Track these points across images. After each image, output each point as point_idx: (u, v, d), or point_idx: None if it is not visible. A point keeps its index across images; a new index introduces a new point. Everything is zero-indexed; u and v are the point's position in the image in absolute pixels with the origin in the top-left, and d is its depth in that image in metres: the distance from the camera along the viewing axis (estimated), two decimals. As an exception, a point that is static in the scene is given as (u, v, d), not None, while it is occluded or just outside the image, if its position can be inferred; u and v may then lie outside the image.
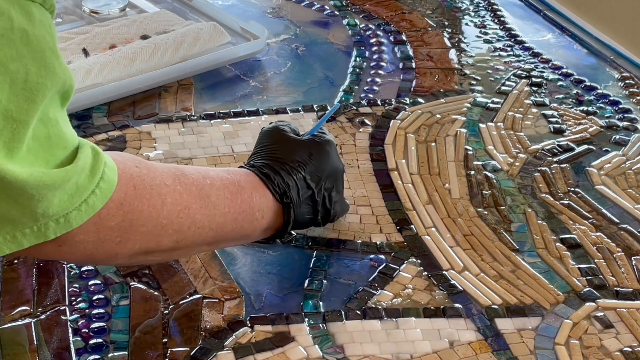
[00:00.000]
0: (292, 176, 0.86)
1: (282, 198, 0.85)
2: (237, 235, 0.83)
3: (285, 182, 0.85)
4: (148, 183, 0.73)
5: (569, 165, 1.11)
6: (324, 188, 0.89)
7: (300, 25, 1.44)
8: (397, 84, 1.28)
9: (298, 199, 0.86)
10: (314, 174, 0.88)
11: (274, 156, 0.88)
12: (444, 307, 0.88)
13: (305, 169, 0.87)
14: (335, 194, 0.90)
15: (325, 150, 0.90)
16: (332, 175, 0.90)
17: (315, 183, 0.88)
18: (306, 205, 0.88)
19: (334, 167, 0.90)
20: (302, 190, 0.87)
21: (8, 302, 0.86)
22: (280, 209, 0.85)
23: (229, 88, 1.25)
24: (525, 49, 1.38)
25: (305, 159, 0.88)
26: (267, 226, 0.85)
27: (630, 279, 0.93)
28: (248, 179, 0.84)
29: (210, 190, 0.79)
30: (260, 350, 0.82)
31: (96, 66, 1.18)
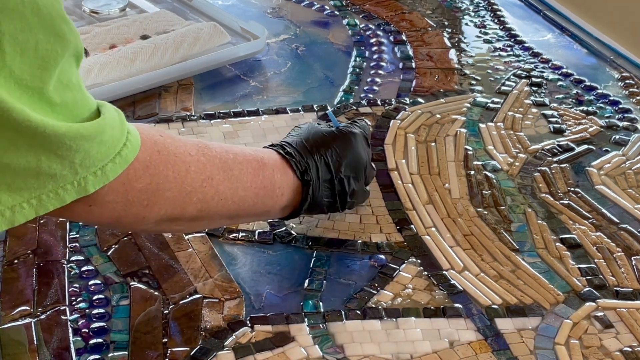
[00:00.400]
0: (313, 157, 0.89)
1: (303, 176, 0.88)
2: (258, 211, 0.86)
3: (306, 162, 0.88)
4: (172, 151, 0.75)
5: (569, 165, 1.11)
6: (343, 174, 0.91)
7: (300, 25, 1.44)
8: (397, 84, 1.28)
9: (317, 180, 0.89)
10: (335, 159, 0.90)
11: (299, 139, 0.91)
12: (444, 307, 0.88)
13: (327, 153, 0.90)
14: (354, 182, 0.92)
15: (349, 139, 0.92)
16: (354, 163, 0.92)
17: (335, 168, 0.90)
18: (325, 189, 0.90)
19: (356, 156, 0.92)
20: (321, 172, 0.89)
21: (8, 302, 0.86)
22: (300, 187, 0.88)
23: (229, 88, 1.25)
24: (525, 49, 1.38)
25: (328, 144, 0.91)
26: (287, 204, 0.88)
27: (630, 279, 0.93)
28: (271, 157, 0.87)
29: (233, 164, 0.81)
30: (260, 350, 0.82)
31: (96, 66, 1.18)
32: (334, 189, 0.90)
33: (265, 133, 1.14)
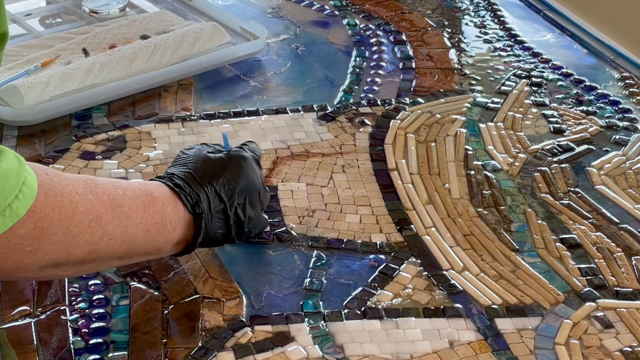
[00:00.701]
0: (203, 188, 0.84)
1: (194, 209, 0.83)
2: (149, 249, 0.81)
3: (196, 193, 0.84)
4: (59, 190, 0.71)
5: (569, 165, 1.11)
6: (236, 202, 0.87)
7: (300, 25, 1.44)
8: (397, 84, 1.28)
9: (209, 212, 0.84)
10: (227, 187, 0.86)
11: (187, 169, 0.86)
12: (444, 307, 0.88)
13: (218, 182, 0.86)
14: (249, 209, 0.88)
15: (240, 165, 0.88)
16: (246, 190, 0.88)
17: (228, 197, 0.86)
18: (218, 219, 0.86)
19: (248, 182, 0.88)
20: (213, 203, 0.85)
21: (8, 302, 0.86)
22: (192, 221, 0.84)
23: (229, 88, 1.25)
24: (525, 49, 1.38)
25: (218, 172, 0.86)
26: (179, 239, 0.84)
27: (630, 279, 0.93)
28: (160, 190, 0.82)
29: (122, 200, 0.77)
30: (260, 350, 0.82)
31: (96, 66, 1.18)
32: (227, 219, 0.86)
33: (265, 133, 1.14)
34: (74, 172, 1.05)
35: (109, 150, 1.09)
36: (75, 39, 1.28)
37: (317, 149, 1.12)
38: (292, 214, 1.00)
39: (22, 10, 1.40)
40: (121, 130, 1.14)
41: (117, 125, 1.15)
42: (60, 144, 1.10)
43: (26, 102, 1.12)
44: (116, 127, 1.14)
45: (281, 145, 1.12)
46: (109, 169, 1.06)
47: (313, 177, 1.07)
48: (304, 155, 1.11)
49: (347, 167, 1.08)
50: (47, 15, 1.41)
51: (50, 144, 1.10)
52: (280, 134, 1.14)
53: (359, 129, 1.16)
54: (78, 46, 1.26)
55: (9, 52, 1.25)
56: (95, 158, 1.08)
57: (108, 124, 1.15)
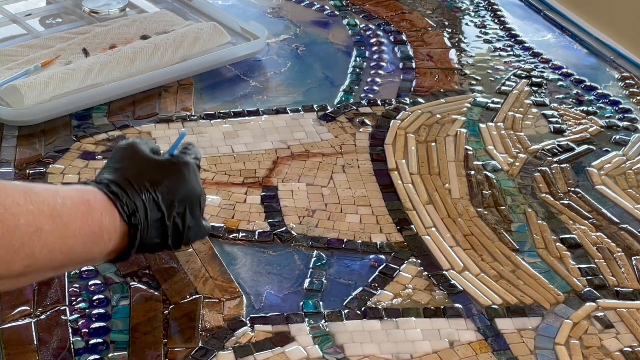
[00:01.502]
0: (141, 196, 0.79)
1: (130, 219, 0.78)
2: (84, 259, 0.78)
3: (133, 202, 0.79)
4: (1, 202, 0.68)
5: (569, 165, 1.11)
6: (175, 212, 0.82)
7: (300, 25, 1.44)
8: (397, 84, 1.28)
9: (146, 222, 0.79)
10: (166, 196, 0.81)
11: (124, 174, 0.81)
12: (444, 307, 0.88)
13: (157, 190, 0.81)
14: (189, 219, 0.83)
15: (182, 172, 0.83)
16: (187, 198, 0.83)
17: (167, 206, 0.81)
18: (155, 229, 0.81)
19: (189, 190, 0.83)
20: (151, 212, 0.80)
21: (8, 302, 0.86)
22: (127, 231, 0.79)
23: (229, 88, 1.25)
24: (525, 49, 1.38)
25: (158, 179, 0.81)
26: (113, 249, 0.79)
27: (630, 279, 0.93)
28: (97, 198, 0.78)
29: (62, 209, 0.73)
30: (260, 350, 0.82)
31: (96, 66, 1.18)
32: (165, 229, 0.81)
33: (265, 133, 1.14)
34: (74, 172, 1.05)
35: (109, 150, 1.09)
36: (75, 39, 1.28)
37: (317, 149, 1.12)
38: (292, 214, 1.00)
39: (22, 10, 1.40)
40: (121, 130, 1.14)
41: (117, 125, 1.15)
42: (60, 144, 1.10)
43: (26, 102, 1.12)
44: (116, 127, 1.14)
45: (281, 145, 1.12)
46: (109, 169, 1.06)
47: (313, 177, 1.07)
48: (304, 155, 1.11)
49: (347, 167, 1.08)
50: (47, 15, 1.41)
51: (50, 144, 1.10)
52: (280, 134, 1.14)
53: (359, 129, 1.16)
54: (78, 46, 1.26)
55: (9, 52, 1.25)
56: (96, 158, 1.08)
57: (108, 124, 1.15)
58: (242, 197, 1.03)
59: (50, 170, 1.05)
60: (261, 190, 1.04)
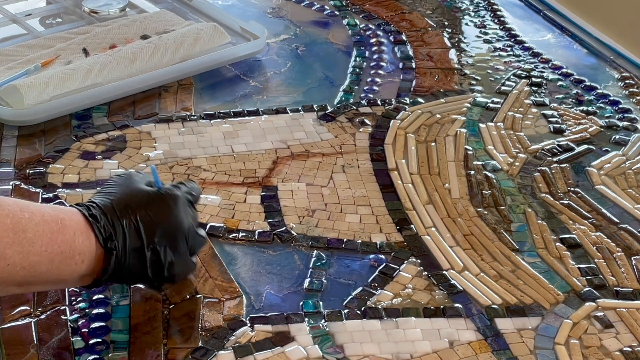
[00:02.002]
0: (121, 222, 0.78)
1: (106, 243, 0.77)
2: (52, 278, 0.76)
3: (112, 227, 0.77)
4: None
5: (569, 165, 1.11)
6: (157, 244, 0.79)
7: (300, 25, 1.44)
8: (397, 84, 1.28)
9: (123, 248, 0.78)
10: (149, 226, 0.79)
11: (108, 198, 0.80)
12: (444, 307, 0.88)
13: (138, 217, 0.79)
14: (170, 254, 0.81)
15: (167, 204, 0.81)
16: (171, 232, 0.81)
17: (148, 236, 0.79)
18: (134, 258, 0.79)
19: (174, 224, 0.81)
20: (130, 239, 0.78)
21: (8, 302, 0.86)
22: (102, 255, 0.78)
23: (229, 88, 1.25)
24: (525, 49, 1.38)
25: (141, 207, 0.80)
26: (87, 272, 0.78)
27: (630, 278, 0.93)
28: (73, 218, 0.77)
29: (27, 224, 0.72)
30: (260, 350, 0.82)
31: (96, 66, 1.18)
32: (144, 259, 0.79)
33: (265, 133, 1.14)
34: (74, 172, 1.05)
35: (109, 150, 1.09)
36: (76, 39, 1.28)
37: (317, 149, 1.12)
38: (292, 214, 1.00)
39: (22, 10, 1.40)
40: (121, 130, 1.14)
41: (117, 125, 1.15)
42: (60, 144, 1.10)
43: (26, 102, 1.12)
44: (116, 127, 1.14)
45: (281, 145, 1.12)
46: (109, 169, 1.06)
47: (313, 177, 1.07)
48: (304, 155, 1.11)
49: (347, 167, 1.08)
50: (47, 15, 1.41)
51: (50, 144, 1.10)
52: (280, 134, 1.14)
53: (359, 129, 1.16)
54: (78, 46, 1.26)
55: (9, 52, 1.25)
56: (96, 158, 1.08)
57: (108, 124, 1.15)
58: (242, 197, 1.03)
59: (50, 170, 1.05)
60: (261, 190, 1.04)
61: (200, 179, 1.05)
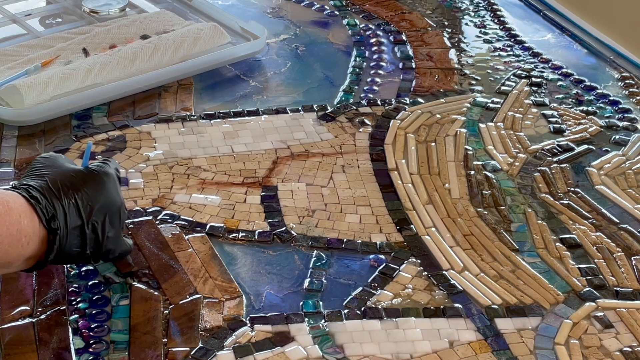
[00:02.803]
0: (61, 202, 0.79)
1: (49, 223, 0.78)
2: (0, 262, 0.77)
3: (53, 207, 0.79)
4: None
5: (568, 165, 1.11)
6: (94, 220, 0.81)
7: (300, 25, 1.44)
8: (397, 84, 1.28)
9: (65, 228, 0.79)
10: (86, 203, 0.81)
11: (44, 180, 0.80)
12: (444, 307, 0.88)
13: (77, 197, 0.80)
14: (109, 228, 0.83)
15: (102, 181, 0.83)
16: (107, 207, 0.82)
17: (86, 213, 0.81)
18: (75, 237, 0.80)
19: (109, 200, 0.83)
20: (70, 218, 0.79)
21: (8, 302, 0.86)
22: (46, 236, 0.79)
23: (229, 88, 1.25)
24: (525, 49, 1.38)
25: (77, 186, 0.81)
26: (31, 254, 0.79)
27: (630, 279, 0.93)
28: (16, 201, 0.77)
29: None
30: (260, 350, 0.82)
31: (96, 66, 1.18)
32: (84, 237, 0.81)
33: (265, 133, 1.14)
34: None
35: (109, 150, 1.09)
36: (75, 39, 1.28)
37: (317, 149, 1.12)
38: (292, 214, 1.00)
39: (22, 10, 1.40)
40: (121, 130, 1.14)
41: (117, 125, 1.15)
42: (60, 144, 1.10)
43: (26, 102, 1.12)
44: (116, 127, 1.14)
45: (281, 145, 1.12)
46: (109, 169, 1.06)
47: (313, 177, 1.07)
48: (304, 155, 1.11)
49: (347, 167, 1.08)
50: (47, 15, 1.41)
51: (50, 144, 1.10)
52: (280, 134, 1.14)
53: (359, 129, 1.16)
54: (78, 46, 1.26)
55: (9, 52, 1.25)
56: (96, 158, 1.07)
57: (108, 124, 1.15)
58: (242, 197, 1.03)
59: (50, 170, 1.05)
60: (261, 190, 1.04)
61: (200, 179, 1.05)
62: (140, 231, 0.96)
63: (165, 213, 0.99)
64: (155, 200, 1.01)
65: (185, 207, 1.00)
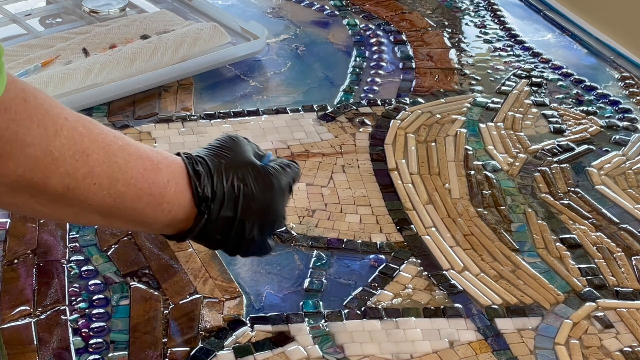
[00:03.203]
0: (224, 187, 0.75)
1: (201, 204, 0.74)
2: (136, 218, 0.72)
3: (213, 190, 0.74)
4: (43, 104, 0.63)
5: (569, 165, 1.11)
6: (248, 220, 0.77)
7: (300, 25, 1.44)
8: (397, 84, 1.28)
9: (217, 214, 0.75)
10: (248, 200, 0.76)
11: (219, 160, 0.76)
12: (444, 307, 0.88)
13: (242, 191, 0.76)
14: (257, 234, 0.78)
15: (272, 184, 0.78)
16: (265, 213, 0.78)
17: (243, 211, 0.76)
18: (222, 226, 0.76)
19: (271, 207, 0.78)
20: (226, 207, 0.75)
21: (8, 302, 0.86)
22: (193, 214, 0.74)
23: (229, 88, 1.25)
24: (525, 49, 1.38)
25: (247, 180, 0.76)
26: (171, 222, 0.74)
27: (630, 279, 0.93)
28: (172, 167, 0.73)
29: (119, 152, 0.68)
30: (260, 350, 0.82)
31: (96, 66, 1.18)
32: (230, 231, 0.76)
33: (265, 133, 1.14)
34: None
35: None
36: (75, 39, 1.28)
37: (317, 149, 1.12)
38: (292, 214, 1.00)
39: (22, 10, 1.40)
40: (121, 130, 1.14)
41: (117, 125, 1.15)
42: (60, 144, 1.10)
43: (26, 102, 1.12)
44: (116, 127, 1.14)
45: (281, 145, 1.12)
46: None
47: (313, 177, 1.07)
48: (304, 155, 1.11)
49: (347, 167, 1.08)
50: (47, 15, 1.41)
51: (50, 144, 1.10)
52: (280, 134, 1.14)
53: (359, 129, 1.16)
54: (78, 46, 1.26)
55: (8, 52, 1.25)
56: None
57: (108, 124, 1.15)
58: (242, 197, 1.02)
59: (50, 170, 1.05)
60: (261, 190, 1.04)
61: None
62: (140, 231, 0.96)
63: (165, 213, 0.99)
64: (155, 200, 1.01)
65: (185, 207, 1.00)
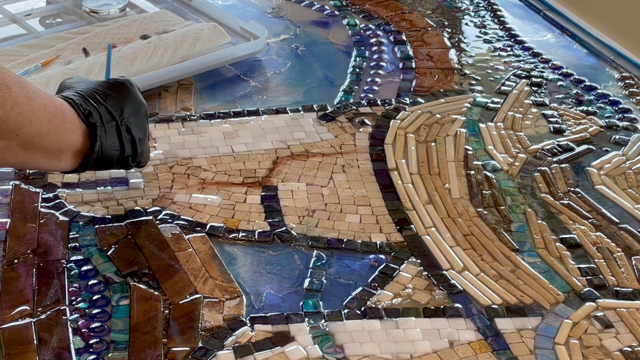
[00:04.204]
0: (93, 103, 0.88)
1: (87, 118, 0.87)
2: (52, 145, 0.84)
3: (87, 108, 0.87)
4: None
5: (569, 165, 1.11)
6: (126, 121, 0.90)
7: (300, 25, 1.44)
8: (397, 84, 1.28)
9: (102, 125, 0.88)
10: (116, 106, 0.90)
11: (75, 91, 0.89)
12: (444, 307, 0.88)
13: (107, 102, 0.89)
14: (139, 131, 0.92)
15: (126, 87, 0.92)
16: (136, 110, 0.92)
17: (118, 115, 0.90)
18: (112, 136, 0.89)
19: (136, 102, 0.92)
20: (104, 117, 0.88)
21: (8, 302, 0.86)
22: (87, 131, 0.87)
23: (229, 88, 1.25)
24: (525, 49, 1.38)
25: (105, 93, 0.90)
26: (77, 147, 0.87)
27: (630, 279, 0.93)
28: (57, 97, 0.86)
29: (26, 84, 0.81)
30: (260, 350, 0.82)
31: (96, 66, 1.18)
32: (120, 136, 0.90)
33: (265, 133, 1.14)
34: (74, 172, 1.05)
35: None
36: (76, 39, 1.28)
37: (317, 149, 1.12)
38: (292, 214, 1.00)
39: (22, 10, 1.40)
40: (121, 130, 1.14)
41: (117, 125, 1.15)
42: (60, 144, 1.10)
43: (26, 102, 1.12)
44: (116, 127, 1.14)
45: (281, 145, 1.12)
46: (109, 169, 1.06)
47: (313, 177, 1.07)
48: (304, 155, 1.11)
49: (347, 167, 1.08)
50: (47, 15, 1.41)
51: (50, 144, 1.10)
52: (280, 134, 1.14)
53: (359, 129, 1.16)
54: (78, 46, 1.26)
55: (9, 52, 1.25)
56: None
57: (108, 124, 1.15)
58: (242, 197, 1.03)
59: (50, 170, 1.05)
60: (261, 190, 1.04)
61: (200, 178, 1.05)
62: (140, 231, 0.96)
63: (165, 213, 0.99)
64: (155, 200, 1.01)
65: (185, 207, 1.00)
